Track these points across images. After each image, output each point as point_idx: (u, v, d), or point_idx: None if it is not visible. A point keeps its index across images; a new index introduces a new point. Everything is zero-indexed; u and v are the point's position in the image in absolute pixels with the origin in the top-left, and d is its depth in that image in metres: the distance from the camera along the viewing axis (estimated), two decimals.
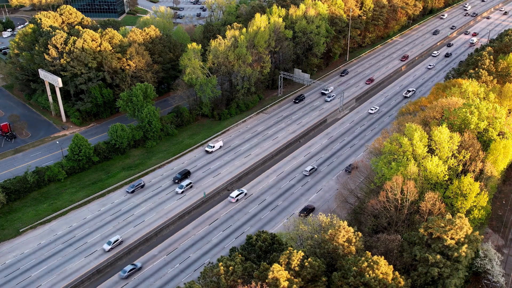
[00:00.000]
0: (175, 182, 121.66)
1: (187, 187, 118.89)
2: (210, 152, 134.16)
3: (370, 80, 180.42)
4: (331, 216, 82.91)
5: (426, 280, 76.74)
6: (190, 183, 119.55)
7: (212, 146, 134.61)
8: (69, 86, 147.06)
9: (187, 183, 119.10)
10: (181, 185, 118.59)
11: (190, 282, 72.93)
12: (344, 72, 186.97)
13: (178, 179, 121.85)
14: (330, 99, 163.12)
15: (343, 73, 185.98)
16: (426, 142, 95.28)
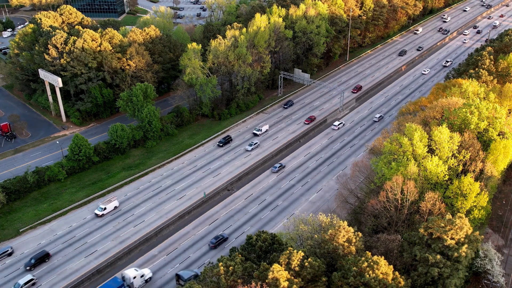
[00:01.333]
0: None
1: None
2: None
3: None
4: (331, 216, 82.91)
5: (426, 280, 76.73)
6: None
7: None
8: (69, 86, 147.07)
9: None
10: None
11: (190, 282, 72.94)
12: (288, 103, 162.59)
13: None
14: (251, 148, 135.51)
15: (286, 105, 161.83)
16: (426, 142, 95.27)
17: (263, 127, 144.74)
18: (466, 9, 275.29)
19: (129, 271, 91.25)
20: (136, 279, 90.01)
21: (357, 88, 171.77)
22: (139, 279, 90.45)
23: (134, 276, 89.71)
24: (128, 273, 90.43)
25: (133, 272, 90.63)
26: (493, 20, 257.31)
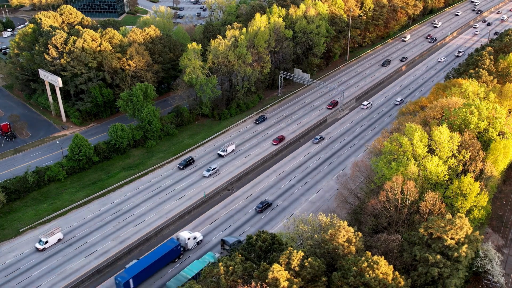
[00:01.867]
0: None
1: None
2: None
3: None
4: (331, 216, 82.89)
5: (426, 280, 76.72)
6: None
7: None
8: (69, 86, 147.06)
9: None
10: None
11: (190, 282, 72.96)
12: (260, 118, 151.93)
13: None
14: (209, 173, 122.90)
15: (258, 120, 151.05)
16: (426, 142, 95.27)
17: (229, 147, 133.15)
18: (458, 13, 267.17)
19: (184, 233, 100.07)
20: (190, 240, 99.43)
21: (333, 104, 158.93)
22: (192, 241, 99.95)
23: (188, 237, 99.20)
24: (183, 235, 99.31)
25: (187, 234, 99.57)
26: (501, 15, 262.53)
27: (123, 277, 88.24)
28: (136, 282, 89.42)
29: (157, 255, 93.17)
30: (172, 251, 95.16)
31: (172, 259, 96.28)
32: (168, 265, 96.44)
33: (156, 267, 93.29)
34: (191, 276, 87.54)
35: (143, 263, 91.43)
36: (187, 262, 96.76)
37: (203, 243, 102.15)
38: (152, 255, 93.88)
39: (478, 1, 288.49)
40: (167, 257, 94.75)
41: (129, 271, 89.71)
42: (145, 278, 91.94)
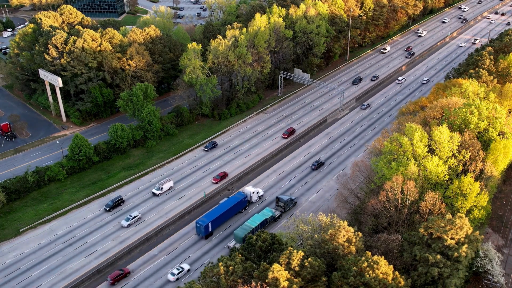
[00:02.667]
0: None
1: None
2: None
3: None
4: (331, 216, 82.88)
5: (426, 280, 76.72)
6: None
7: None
8: (69, 86, 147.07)
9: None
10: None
11: (190, 282, 73.00)
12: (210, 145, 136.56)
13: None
14: (128, 223, 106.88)
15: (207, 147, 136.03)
16: (426, 142, 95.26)
17: (166, 184, 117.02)
18: (445, 21, 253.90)
19: (248, 188, 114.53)
20: (254, 194, 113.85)
21: (289, 132, 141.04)
22: (255, 195, 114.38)
23: (252, 192, 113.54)
24: (248, 189, 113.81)
25: (252, 189, 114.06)
26: None
27: (204, 221, 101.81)
28: (213, 226, 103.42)
29: (229, 205, 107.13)
30: (241, 202, 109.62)
31: (240, 209, 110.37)
32: (236, 215, 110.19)
33: (228, 216, 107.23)
34: (254, 226, 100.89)
35: (218, 211, 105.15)
36: (250, 214, 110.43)
37: (263, 198, 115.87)
38: (224, 204, 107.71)
39: (467, 7, 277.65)
40: (237, 207, 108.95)
41: (208, 216, 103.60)
42: (220, 224, 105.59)
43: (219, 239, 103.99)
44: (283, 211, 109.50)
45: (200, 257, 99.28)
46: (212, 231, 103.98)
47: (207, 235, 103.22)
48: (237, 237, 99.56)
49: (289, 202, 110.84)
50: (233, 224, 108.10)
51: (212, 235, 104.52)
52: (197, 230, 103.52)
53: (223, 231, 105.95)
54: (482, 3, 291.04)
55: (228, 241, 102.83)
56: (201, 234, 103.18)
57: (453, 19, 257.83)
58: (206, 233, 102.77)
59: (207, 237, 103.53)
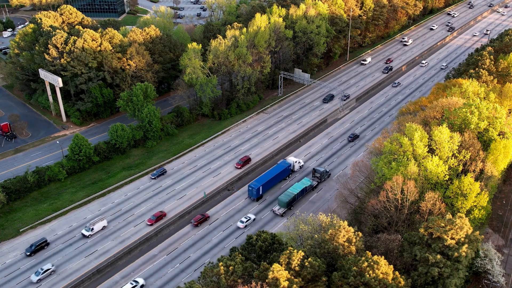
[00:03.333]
0: None
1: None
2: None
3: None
4: (331, 216, 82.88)
5: (427, 280, 76.71)
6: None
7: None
8: (70, 86, 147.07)
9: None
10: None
11: (190, 282, 72.97)
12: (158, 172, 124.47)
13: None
14: (38, 278, 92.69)
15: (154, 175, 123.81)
16: (426, 142, 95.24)
17: (98, 223, 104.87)
18: (433, 27, 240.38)
19: (291, 158, 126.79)
20: (296, 163, 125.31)
21: (243, 161, 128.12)
22: (297, 165, 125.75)
23: (295, 161, 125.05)
24: (291, 159, 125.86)
25: (294, 158, 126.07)
26: None
27: (255, 184, 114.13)
28: (263, 190, 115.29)
29: (276, 172, 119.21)
30: (285, 170, 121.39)
31: (284, 177, 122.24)
32: (280, 182, 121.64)
33: (275, 181, 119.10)
34: (296, 193, 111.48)
35: (267, 177, 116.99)
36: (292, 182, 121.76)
37: (304, 168, 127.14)
38: (272, 171, 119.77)
39: (457, 13, 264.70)
40: (282, 174, 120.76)
41: (259, 180, 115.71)
42: (268, 188, 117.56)
43: (268, 202, 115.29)
44: (319, 181, 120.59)
45: (200, 257, 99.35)
46: (262, 194, 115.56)
47: (258, 197, 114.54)
48: (281, 202, 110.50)
49: (324, 173, 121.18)
50: (278, 191, 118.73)
51: (262, 198, 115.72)
52: (249, 193, 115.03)
53: (270, 195, 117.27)
54: (473, 8, 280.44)
55: (273, 205, 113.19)
56: (252, 197, 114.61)
57: (441, 26, 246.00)
58: (257, 196, 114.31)
59: (258, 199, 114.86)
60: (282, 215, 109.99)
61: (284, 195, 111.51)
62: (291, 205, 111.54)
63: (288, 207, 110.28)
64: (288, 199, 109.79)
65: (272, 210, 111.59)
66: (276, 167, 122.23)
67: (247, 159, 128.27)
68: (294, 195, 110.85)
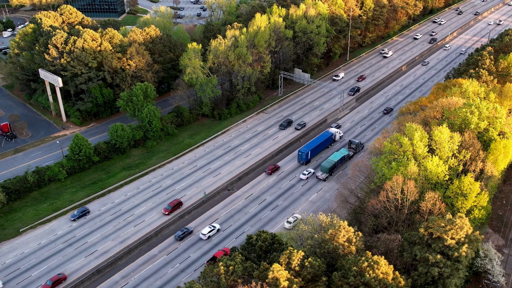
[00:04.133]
0: None
1: None
2: None
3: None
4: (331, 216, 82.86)
5: (427, 280, 76.70)
6: None
7: None
8: (70, 86, 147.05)
9: None
10: None
11: (191, 282, 72.95)
12: (77, 214, 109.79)
13: None
14: None
15: (74, 217, 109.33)
16: (427, 142, 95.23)
17: None
18: (417, 37, 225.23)
19: (333, 129, 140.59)
20: (337, 134, 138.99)
21: (172, 206, 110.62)
22: (338, 135, 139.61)
23: (336, 131, 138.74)
24: (332, 129, 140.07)
25: (334, 129, 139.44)
26: None
27: (305, 150, 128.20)
28: (311, 155, 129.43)
29: (321, 140, 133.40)
30: (329, 139, 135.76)
31: (327, 145, 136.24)
32: (324, 150, 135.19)
33: (320, 148, 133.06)
34: (336, 160, 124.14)
35: (314, 143, 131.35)
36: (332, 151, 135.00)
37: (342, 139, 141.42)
38: (318, 139, 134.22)
39: (444, 20, 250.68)
40: (326, 142, 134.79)
41: (307, 146, 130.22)
42: (314, 154, 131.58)
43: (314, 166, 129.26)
44: (354, 152, 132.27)
45: (200, 257, 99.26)
46: (310, 159, 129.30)
47: (306, 161, 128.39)
48: (323, 168, 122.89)
49: (359, 145, 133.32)
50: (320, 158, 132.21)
51: (310, 162, 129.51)
52: (299, 158, 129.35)
53: (315, 161, 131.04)
54: (462, 14, 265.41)
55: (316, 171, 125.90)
56: (302, 161, 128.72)
57: (426, 35, 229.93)
58: (306, 160, 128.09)
59: (306, 163, 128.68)
60: (324, 179, 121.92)
61: (326, 162, 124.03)
62: (332, 171, 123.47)
63: (329, 173, 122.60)
64: (330, 165, 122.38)
65: (316, 176, 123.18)
66: (321, 135, 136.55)
67: (178, 203, 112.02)
68: (334, 162, 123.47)
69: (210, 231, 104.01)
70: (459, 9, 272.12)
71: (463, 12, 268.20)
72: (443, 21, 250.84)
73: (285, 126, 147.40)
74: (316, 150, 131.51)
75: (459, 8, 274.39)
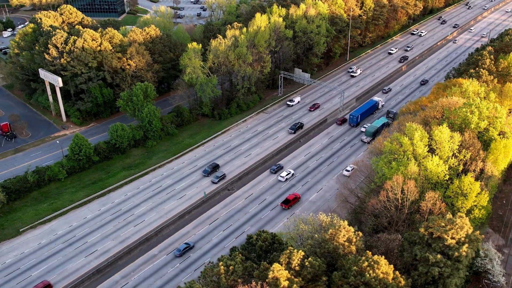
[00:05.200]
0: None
1: None
2: None
3: None
4: (331, 215, 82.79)
5: (427, 280, 76.63)
6: None
7: None
8: (69, 85, 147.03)
9: None
10: None
11: (191, 282, 72.86)
12: None
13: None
14: None
15: None
16: (427, 142, 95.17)
17: None
18: (392, 51, 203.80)
19: (375, 98, 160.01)
20: (380, 102, 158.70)
21: None
22: (380, 103, 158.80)
23: (379, 100, 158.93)
24: (376, 98, 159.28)
25: (377, 98, 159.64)
26: None
27: (355, 113, 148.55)
28: (360, 119, 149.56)
29: (368, 106, 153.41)
30: (374, 106, 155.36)
31: (373, 111, 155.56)
32: (369, 116, 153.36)
33: (367, 114, 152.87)
34: (378, 126, 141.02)
35: (363, 109, 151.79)
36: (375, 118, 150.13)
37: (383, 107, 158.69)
38: (365, 105, 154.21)
39: (425, 31, 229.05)
40: (372, 109, 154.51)
41: (357, 111, 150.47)
42: (363, 119, 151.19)
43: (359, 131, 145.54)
44: (392, 121, 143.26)
45: (200, 257, 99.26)
46: (359, 122, 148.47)
47: (356, 124, 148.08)
48: (368, 132, 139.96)
49: (395, 114, 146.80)
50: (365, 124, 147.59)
51: (358, 125, 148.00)
52: (350, 121, 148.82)
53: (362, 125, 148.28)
54: (446, 23, 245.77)
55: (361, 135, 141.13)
56: (352, 123, 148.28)
57: (401, 51, 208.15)
58: (356, 123, 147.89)
59: (356, 125, 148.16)
60: (368, 142, 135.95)
61: (370, 127, 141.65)
62: (374, 135, 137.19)
63: (372, 137, 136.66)
64: (373, 130, 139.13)
65: (361, 139, 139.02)
66: (367, 103, 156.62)
67: None
68: (377, 128, 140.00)
69: (287, 174, 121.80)
70: (441, 17, 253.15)
71: (446, 22, 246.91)
72: (423, 32, 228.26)
73: (209, 172, 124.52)
74: (364, 115, 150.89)
75: (442, 16, 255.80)
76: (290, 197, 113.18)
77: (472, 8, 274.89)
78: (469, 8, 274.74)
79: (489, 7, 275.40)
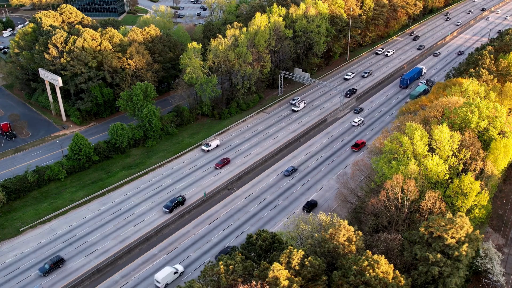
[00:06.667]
0: None
1: None
2: None
3: None
4: (331, 215, 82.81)
5: (427, 279, 76.63)
6: None
7: None
8: (69, 85, 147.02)
9: None
10: None
11: (191, 281, 72.88)
12: None
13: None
14: None
15: None
16: (427, 141, 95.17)
17: None
18: (348, 77, 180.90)
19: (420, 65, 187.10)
20: (423, 69, 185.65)
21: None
22: (424, 69, 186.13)
23: (423, 67, 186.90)
24: (420, 66, 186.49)
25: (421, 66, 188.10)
26: None
27: (406, 77, 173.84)
28: (409, 82, 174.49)
29: (415, 72, 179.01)
30: (419, 72, 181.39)
31: (417, 77, 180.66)
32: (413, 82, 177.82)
33: (413, 78, 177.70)
34: (420, 91, 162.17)
35: (411, 74, 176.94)
36: None
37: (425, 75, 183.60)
38: (413, 71, 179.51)
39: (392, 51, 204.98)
40: (417, 74, 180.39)
41: (407, 75, 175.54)
42: (411, 82, 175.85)
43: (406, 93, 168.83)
44: (430, 87, 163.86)
45: (200, 257, 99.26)
46: (408, 84, 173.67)
47: (406, 86, 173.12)
48: (412, 96, 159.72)
49: (433, 82, 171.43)
50: None
51: (407, 87, 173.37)
52: (401, 83, 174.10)
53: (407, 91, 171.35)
54: (418, 39, 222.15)
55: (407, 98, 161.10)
56: (403, 85, 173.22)
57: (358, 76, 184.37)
58: (406, 85, 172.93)
59: (406, 87, 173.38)
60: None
61: (414, 91, 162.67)
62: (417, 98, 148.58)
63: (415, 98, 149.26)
64: (416, 94, 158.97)
65: (406, 102, 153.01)
66: (414, 69, 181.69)
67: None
68: (420, 92, 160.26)
69: (359, 120, 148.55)
70: (413, 33, 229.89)
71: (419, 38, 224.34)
72: (389, 52, 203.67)
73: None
74: (412, 79, 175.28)
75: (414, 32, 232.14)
76: (358, 142, 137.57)
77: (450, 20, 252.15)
78: (447, 20, 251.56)
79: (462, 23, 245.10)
